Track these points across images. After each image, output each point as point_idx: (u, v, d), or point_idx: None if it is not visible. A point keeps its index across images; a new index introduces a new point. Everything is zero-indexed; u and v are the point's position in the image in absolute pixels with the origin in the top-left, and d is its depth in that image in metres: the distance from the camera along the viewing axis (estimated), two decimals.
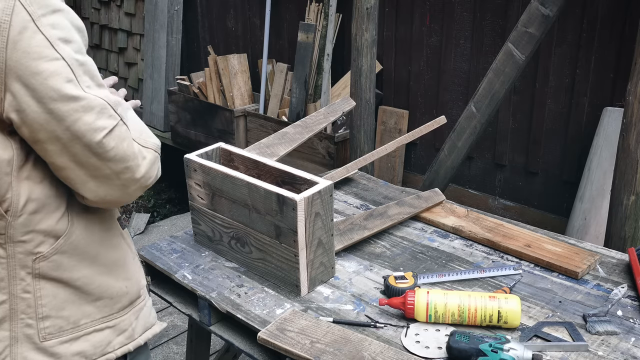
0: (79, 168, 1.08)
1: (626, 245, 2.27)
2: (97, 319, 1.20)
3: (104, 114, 1.06)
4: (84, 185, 1.10)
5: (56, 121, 1.02)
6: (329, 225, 1.64)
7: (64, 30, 1.04)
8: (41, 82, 1.01)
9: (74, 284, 1.16)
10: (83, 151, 1.06)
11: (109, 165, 1.08)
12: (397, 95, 4.07)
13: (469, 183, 3.91)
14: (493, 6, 3.49)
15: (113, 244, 1.24)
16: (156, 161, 1.18)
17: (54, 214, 1.12)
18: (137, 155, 1.12)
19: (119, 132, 1.08)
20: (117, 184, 1.11)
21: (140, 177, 1.13)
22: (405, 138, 2.25)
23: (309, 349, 1.40)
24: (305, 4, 4.24)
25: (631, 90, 2.26)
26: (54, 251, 1.13)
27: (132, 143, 1.11)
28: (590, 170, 3.12)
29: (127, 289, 1.26)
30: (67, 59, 1.03)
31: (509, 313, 1.46)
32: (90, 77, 1.07)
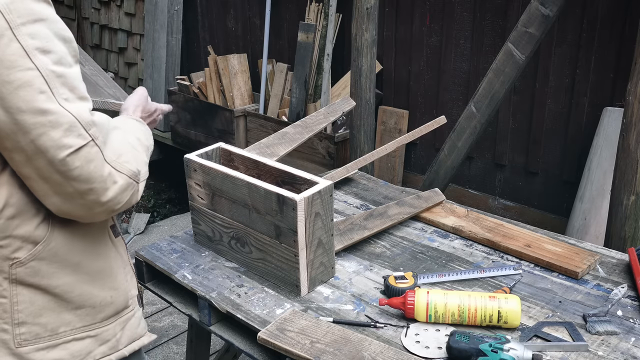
0: (42, 181, 1.06)
1: (626, 245, 2.27)
2: (78, 328, 1.18)
3: (72, 132, 1.03)
4: (47, 198, 1.08)
5: (22, 133, 1.00)
6: (329, 225, 1.64)
7: (43, 40, 1.02)
8: (10, 92, 0.99)
9: (52, 291, 1.15)
10: (46, 166, 1.03)
11: (72, 184, 1.05)
12: (397, 95, 4.07)
13: (469, 183, 3.91)
14: (493, 6, 3.49)
15: (98, 252, 1.22)
16: (129, 188, 1.13)
17: (33, 220, 1.11)
18: (106, 178, 1.08)
19: (86, 153, 1.05)
20: (80, 203, 1.08)
21: (107, 201, 1.09)
22: (405, 138, 2.25)
23: (309, 349, 1.40)
24: (305, 4, 4.24)
25: (631, 90, 2.26)
26: (31, 257, 1.11)
27: (103, 165, 1.07)
28: (590, 170, 3.12)
29: (112, 298, 1.24)
30: (41, 70, 1.00)
31: (509, 313, 1.46)
32: (70, 89, 1.04)
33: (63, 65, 1.04)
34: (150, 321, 3.24)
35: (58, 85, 1.02)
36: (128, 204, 1.15)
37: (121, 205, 1.13)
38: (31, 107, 1.00)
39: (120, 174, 1.11)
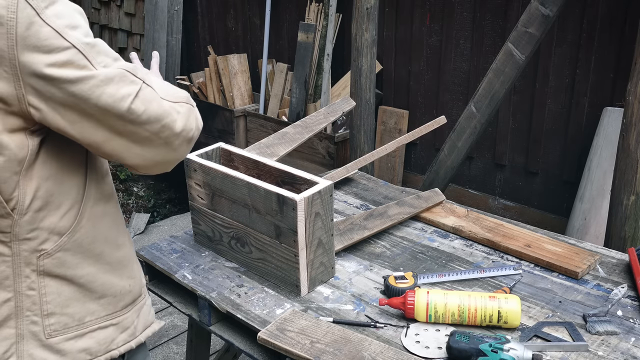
0: (119, 137, 1.09)
1: (626, 245, 2.27)
2: (102, 317, 1.21)
3: (124, 81, 1.07)
4: (129, 152, 1.12)
5: (82, 101, 1.04)
6: (329, 225, 1.64)
7: (69, 18, 1.05)
8: (57, 72, 1.01)
9: (77, 281, 1.17)
10: (117, 121, 1.07)
11: (145, 128, 1.10)
12: (397, 95, 4.07)
13: (469, 183, 3.91)
14: (493, 6, 3.49)
15: (118, 242, 1.25)
16: (191, 112, 1.19)
17: (58, 211, 1.13)
18: (170, 111, 1.13)
19: (144, 95, 1.09)
20: (160, 144, 1.13)
21: (181, 131, 1.15)
22: (405, 138, 2.25)
23: (309, 349, 1.40)
24: (305, 4, 4.24)
25: (631, 90, 2.26)
26: (57, 248, 1.13)
27: (161, 102, 1.12)
28: (590, 170, 3.12)
29: (131, 287, 1.27)
30: (77, 46, 1.03)
31: (509, 313, 1.46)
32: (105, 55, 1.08)
33: (90, 36, 1.08)
34: None
35: (95, 55, 1.05)
36: (197, 129, 1.21)
37: (194, 132, 1.19)
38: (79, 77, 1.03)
39: (177, 103, 1.16)
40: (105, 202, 1.22)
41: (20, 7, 0.99)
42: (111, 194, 1.25)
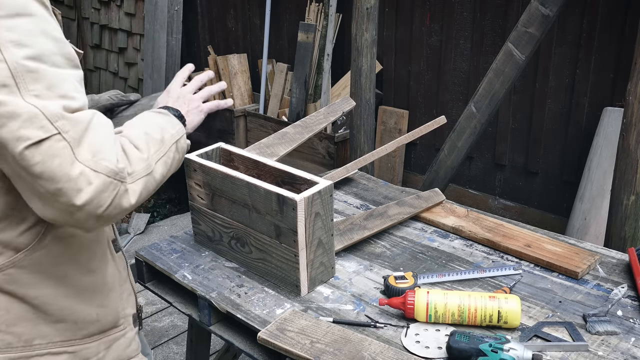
0: (20, 181, 0.99)
1: (626, 245, 2.27)
2: (55, 342, 1.13)
3: (33, 123, 0.94)
4: (30, 201, 1.00)
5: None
6: (329, 225, 1.64)
7: (22, 34, 0.96)
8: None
9: (31, 302, 1.10)
10: (13, 162, 0.96)
11: (39, 183, 0.96)
12: (397, 95, 4.07)
13: (469, 183, 3.91)
14: (493, 6, 3.49)
15: (90, 267, 1.17)
16: (109, 188, 0.99)
17: (18, 227, 1.06)
18: (76, 178, 0.96)
19: (49, 148, 0.95)
20: (58, 207, 0.98)
21: (83, 204, 0.97)
22: (405, 138, 2.25)
23: (309, 349, 1.40)
24: (305, 4, 4.24)
25: (631, 90, 2.26)
26: (10, 264, 1.07)
27: (72, 163, 0.96)
28: (590, 170, 3.12)
29: (98, 316, 1.18)
30: (9, 62, 0.94)
31: (509, 313, 1.46)
32: (46, 86, 0.96)
33: (42, 62, 0.97)
34: (150, 321, 3.24)
35: (28, 81, 0.95)
36: (117, 208, 1.02)
37: (105, 209, 1.00)
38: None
39: (95, 173, 0.98)
40: None
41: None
42: None
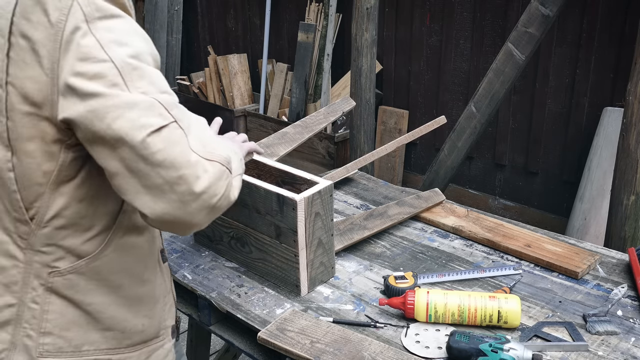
0: (130, 175, 0.97)
1: (626, 245, 2.27)
2: (102, 349, 1.13)
3: (151, 111, 0.96)
4: (138, 197, 0.98)
5: (98, 120, 0.94)
6: (329, 225, 1.64)
7: (121, 34, 0.99)
8: (84, 83, 0.95)
9: (85, 308, 1.11)
10: (130, 154, 0.95)
11: (159, 172, 0.95)
12: (397, 95, 4.07)
13: (469, 183, 3.91)
14: (493, 6, 3.49)
15: (143, 278, 1.18)
16: (223, 176, 1.01)
17: (84, 234, 1.07)
18: (195, 165, 0.97)
19: (169, 134, 0.96)
20: (173, 199, 0.97)
21: (201, 192, 0.97)
22: (405, 138, 2.25)
23: (309, 349, 1.40)
24: (305, 4, 4.24)
25: (631, 90, 2.27)
26: (71, 269, 1.08)
27: (188, 151, 0.97)
28: (590, 170, 3.12)
29: (144, 327, 1.19)
30: (116, 62, 0.96)
31: (509, 313, 1.46)
32: (149, 82, 0.98)
33: (141, 60, 0.99)
34: None
35: (134, 78, 0.97)
36: (227, 199, 1.03)
37: (219, 199, 1.00)
38: (102, 93, 0.95)
39: (210, 161, 0.99)
40: (138, 234, 1.15)
41: (72, 11, 0.96)
42: (146, 226, 1.16)
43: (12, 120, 1.00)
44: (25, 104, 0.99)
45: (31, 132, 1.00)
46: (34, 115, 0.99)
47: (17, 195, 1.03)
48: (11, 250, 1.07)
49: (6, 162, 1.02)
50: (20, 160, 1.02)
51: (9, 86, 0.99)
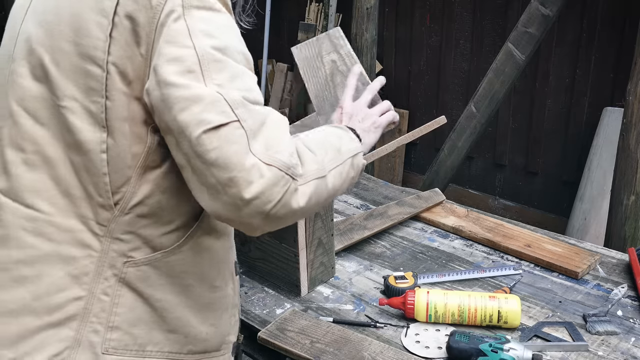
0: (191, 170, 0.96)
1: (626, 245, 2.27)
2: (164, 352, 1.09)
3: (214, 107, 0.93)
4: (199, 193, 0.97)
5: (167, 109, 0.94)
6: (329, 225, 1.64)
7: (213, 26, 0.98)
8: (162, 65, 0.95)
9: (153, 304, 1.07)
10: (188, 148, 0.94)
11: (212, 172, 0.93)
12: (397, 95, 4.07)
13: (469, 183, 3.91)
14: (493, 6, 3.49)
15: (215, 284, 1.15)
16: (280, 183, 0.95)
17: (163, 227, 1.05)
18: (249, 169, 0.93)
19: (228, 133, 0.93)
20: (225, 201, 0.94)
21: (252, 198, 0.93)
22: (405, 138, 2.25)
23: (309, 349, 1.40)
24: (305, 4, 4.24)
25: (631, 90, 2.27)
26: (146, 261, 1.05)
27: (246, 154, 0.93)
28: (590, 170, 3.12)
29: (207, 335, 1.14)
30: (198, 49, 0.95)
31: (509, 313, 1.46)
32: (229, 78, 0.96)
33: (227, 55, 0.97)
34: None
35: (213, 69, 0.95)
36: (286, 207, 0.97)
37: (273, 206, 0.95)
38: (173, 81, 0.94)
39: (268, 166, 0.94)
40: (215, 238, 1.13)
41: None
42: (225, 232, 1.15)
43: (111, 100, 0.99)
44: (123, 83, 0.99)
45: (126, 112, 0.99)
46: (128, 95, 0.99)
47: (107, 178, 1.01)
48: (85, 239, 1.03)
49: (100, 144, 1.00)
50: (116, 140, 1.00)
51: (109, 65, 0.98)
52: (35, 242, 1.03)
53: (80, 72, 1.00)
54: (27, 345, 1.01)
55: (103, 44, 0.98)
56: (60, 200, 1.03)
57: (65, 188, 1.03)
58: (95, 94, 0.99)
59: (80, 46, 1.00)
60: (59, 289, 1.03)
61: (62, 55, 1.01)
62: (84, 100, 1.00)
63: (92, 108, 1.00)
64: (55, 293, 1.02)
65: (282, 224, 1.01)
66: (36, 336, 1.02)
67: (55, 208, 1.03)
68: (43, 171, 1.03)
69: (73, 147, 1.02)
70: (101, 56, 0.98)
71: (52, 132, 1.03)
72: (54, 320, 1.02)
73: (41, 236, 1.03)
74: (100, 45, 0.98)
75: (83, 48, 0.99)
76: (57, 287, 1.03)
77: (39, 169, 1.04)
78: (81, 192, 1.03)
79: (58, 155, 1.03)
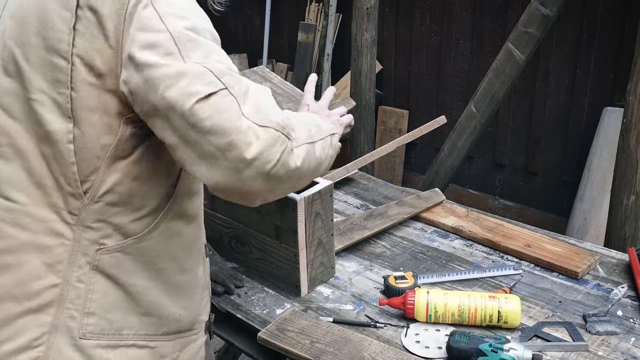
0: (186, 146, 0.99)
1: (626, 245, 2.27)
2: (140, 334, 1.12)
3: (200, 79, 0.97)
4: (197, 167, 1.01)
5: (152, 90, 0.97)
6: (329, 225, 1.64)
7: (180, 9, 1.01)
8: (138, 51, 0.97)
9: (127, 289, 1.10)
10: (181, 122, 0.97)
11: (209, 140, 0.97)
12: (397, 95, 4.07)
13: (469, 183, 3.91)
14: (493, 6, 3.49)
15: (184, 267, 1.18)
16: (278, 142, 1.01)
17: (133, 214, 1.08)
18: (245, 131, 0.97)
19: (217, 102, 0.97)
20: (225, 166, 0.98)
21: (253, 159, 0.98)
22: (405, 138, 2.25)
23: (309, 349, 1.40)
24: (305, 4, 4.24)
25: (631, 90, 2.27)
26: (118, 248, 1.08)
27: (239, 118, 0.98)
28: (590, 170, 3.12)
29: (180, 317, 1.18)
30: (172, 32, 0.98)
31: (509, 313, 1.46)
32: (204, 54, 1.00)
33: (198, 33, 1.01)
34: None
35: (189, 48, 0.99)
36: (284, 166, 1.02)
37: (273, 165, 1.00)
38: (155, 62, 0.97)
39: (263, 127, 0.99)
40: (185, 222, 1.16)
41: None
42: (195, 216, 1.18)
43: (76, 90, 1.01)
44: (90, 75, 1.00)
45: (95, 103, 1.01)
46: (98, 87, 1.01)
47: (75, 167, 1.03)
48: (58, 229, 1.06)
49: (67, 134, 1.02)
50: (82, 131, 1.02)
51: (74, 57, 1.00)
52: (14, 233, 1.06)
53: (47, 65, 1.02)
54: (9, 330, 1.05)
55: (67, 37, 1.00)
56: (33, 191, 1.05)
57: (38, 179, 1.05)
58: (61, 85, 1.01)
59: (47, 39, 1.01)
60: (37, 277, 1.06)
61: (30, 49, 1.03)
62: (51, 92, 1.02)
63: (58, 99, 1.02)
64: (34, 281, 1.06)
65: (281, 186, 1.05)
66: (17, 321, 1.05)
67: (30, 199, 1.05)
68: (16, 163, 1.06)
69: (43, 138, 1.04)
70: (65, 48, 1.00)
71: (23, 125, 1.05)
72: (33, 306, 1.06)
73: (18, 226, 1.05)
74: (64, 38, 1.00)
75: (49, 41, 1.01)
76: (35, 275, 1.06)
77: (13, 161, 1.06)
78: (52, 182, 1.05)
79: (30, 148, 1.05)
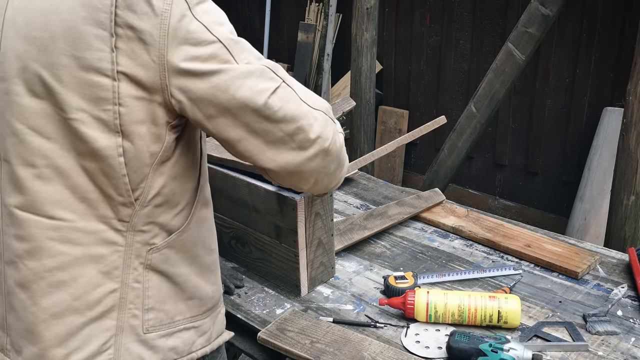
0: (253, 137, 1.10)
1: (626, 245, 2.27)
2: (187, 318, 1.21)
3: (264, 76, 1.08)
4: (262, 154, 1.11)
5: (221, 92, 1.05)
6: (329, 225, 1.64)
7: (215, 15, 1.09)
8: (201, 65, 1.04)
9: (175, 280, 1.18)
10: (253, 117, 1.08)
11: (280, 127, 1.09)
12: (397, 95, 4.07)
13: (469, 183, 3.91)
14: (493, 6, 3.49)
15: (211, 248, 1.27)
16: (328, 123, 1.16)
17: (173, 210, 1.15)
18: (307, 114, 1.11)
19: (283, 93, 1.09)
20: (293, 147, 1.11)
21: (316, 138, 1.12)
22: (405, 138, 2.25)
23: (309, 349, 1.40)
24: (305, 4, 4.24)
25: (631, 90, 2.27)
26: (165, 244, 1.15)
27: (300, 103, 1.11)
28: (590, 170, 3.12)
29: (213, 293, 1.27)
30: (223, 40, 1.06)
31: (509, 313, 1.46)
32: (249, 53, 1.09)
33: (235, 34, 1.11)
34: None
35: (238, 51, 1.07)
36: (336, 143, 1.17)
37: (330, 143, 1.15)
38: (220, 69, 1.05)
39: (316, 110, 1.14)
40: (207, 207, 1.24)
41: (175, 0, 1.03)
42: (210, 199, 1.26)
43: (124, 106, 1.04)
44: (137, 89, 1.04)
45: (143, 116, 1.05)
46: (145, 100, 1.05)
47: (126, 178, 1.08)
48: (110, 237, 1.11)
49: (116, 148, 1.06)
50: (132, 143, 1.06)
51: (119, 75, 1.03)
52: (64, 249, 1.10)
53: (84, 84, 1.04)
54: (76, 341, 1.11)
55: (108, 55, 1.02)
56: (78, 207, 1.09)
57: (82, 194, 1.09)
58: (104, 102, 1.04)
59: (82, 59, 1.03)
60: (95, 286, 1.11)
61: (62, 69, 1.04)
62: (92, 110, 1.04)
63: (102, 116, 1.05)
64: (92, 290, 1.11)
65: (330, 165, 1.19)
66: (83, 332, 1.11)
67: (76, 214, 1.09)
68: (57, 182, 1.09)
69: (87, 155, 1.07)
70: (108, 67, 1.03)
71: (59, 144, 1.07)
72: (95, 314, 1.11)
73: (69, 242, 1.10)
74: (105, 56, 1.02)
75: (85, 61, 1.03)
76: (92, 285, 1.11)
77: (53, 180, 1.09)
78: (97, 195, 1.09)
79: (69, 165, 1.08)
